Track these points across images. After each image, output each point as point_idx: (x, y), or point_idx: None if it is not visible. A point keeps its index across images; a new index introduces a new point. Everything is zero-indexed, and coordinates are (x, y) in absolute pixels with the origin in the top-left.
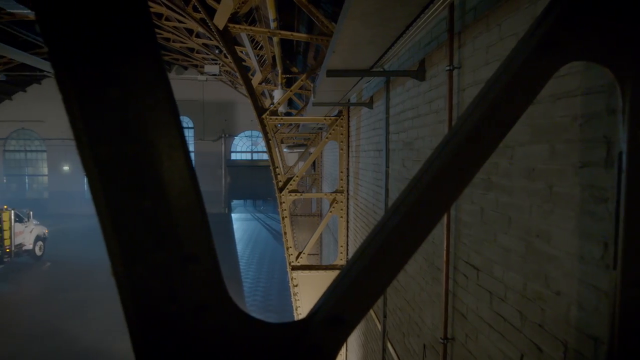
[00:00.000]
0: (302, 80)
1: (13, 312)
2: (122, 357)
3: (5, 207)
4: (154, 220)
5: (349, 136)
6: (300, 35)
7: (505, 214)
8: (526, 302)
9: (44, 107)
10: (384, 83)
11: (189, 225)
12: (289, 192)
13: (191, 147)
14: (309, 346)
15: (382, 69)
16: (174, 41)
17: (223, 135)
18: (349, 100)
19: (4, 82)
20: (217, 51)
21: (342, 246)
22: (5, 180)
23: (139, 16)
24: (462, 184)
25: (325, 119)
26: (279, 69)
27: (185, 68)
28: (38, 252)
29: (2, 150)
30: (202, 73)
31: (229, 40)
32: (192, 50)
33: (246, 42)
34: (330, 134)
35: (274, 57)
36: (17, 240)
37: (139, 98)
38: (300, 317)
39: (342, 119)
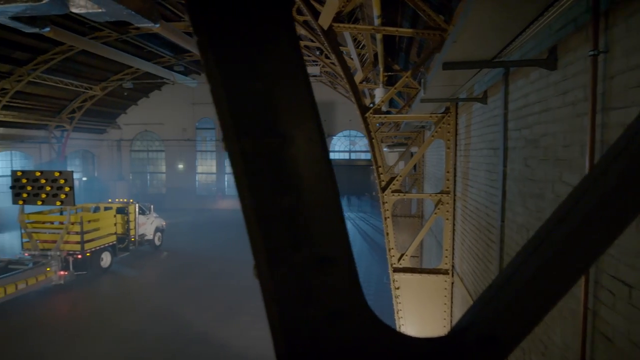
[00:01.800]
0: (406, 78)
1: (138, 294)
2: (228, 344)
3: (131, 200)
4: (293, 218)
5: (456, 134)
6: (405, 31)
7: None
8: None
9: (164, 111)
10: (502, 76)
11: (326, 225)
12: (392, 192)
13: None
14: None
15: (502, 60)
16: None
17: None
18: (457, 96)
19: (131, 90)
20: (317, 52)
21: (447, 250)
22: (131, 177)
23: (280, 9)
24: None
25: (431, 117)
26: (381, 67)
27: None
28: (157, 242)
29: (128, 150)
30: None
31: (333, 40)
32: None
33: (349, 41)
34: (436, 132)
35: (375, 55)
36: (140, 230)
37: (279, 91)
38: (402, 320)
39: (449, 117)
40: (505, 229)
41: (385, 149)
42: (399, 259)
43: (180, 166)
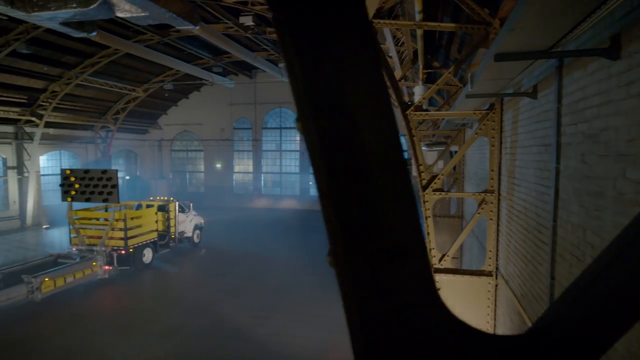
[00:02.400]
0: (449, 73)
1: (178, 289)
2: (266, 341)
3: (171, 199)
4: (365, 205)
5: (501, 131)
6: (448, 26)
7: None
8: None
9: (203, 111)
10: (555, 68)
11: (398, 214)
12: (433, 191)
13: None
14: None
15: (560, 51)
16: None
17: None
18: (505, 92)
19: (172, 91)
20: None
21: (490, 251)
22: (171, 176)
23: None
24: None
25: (474, 113)
26: (420, 64)
27: None
28: (196, 240)
29: (169, 150)
30: None
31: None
32: None
33: (388, 38)
34: (480, 129)
35: (414, 53)
36: (180, 228)
37: (352, 74)
38: None
39: (494, 113)
40: (558, 229)
41: (423, 148)
42: (440, 260)
43: (218, 165)
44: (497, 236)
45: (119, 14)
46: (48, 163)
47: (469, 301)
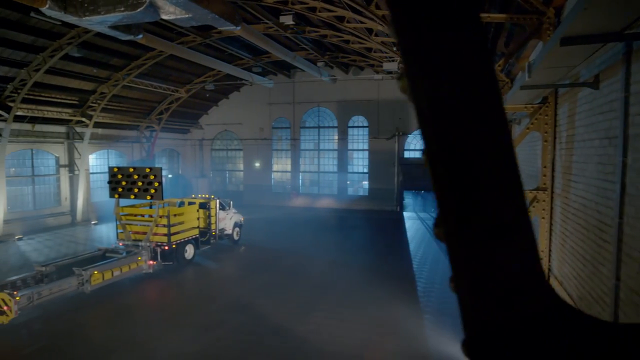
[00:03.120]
0: (498, 66)
1: (219, 285)
2: (306, 339)
3: (212, 196)
4: (477, 183)
5: (555, 125)
6: (498, 16)
7: None
8: None
9: (242, 111)
10: (622, 55)
11: (506, 192)
12: None
13: (365, 145)
14: None
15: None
16: (353, 42)
17: (397, 133)
18: (562, 83)
19: (212, 91)
20: (395, 48)
21: (542, 251)
22: (211, 175)
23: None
24: None
25: (526, 107)
26: None
27: (362, 69)
28: (235, 237)
29: (209, 149)
30: (378, 72)
31: None
32: (369, 50)
33: None
34: (532, 124)
35: None
36: (220, 225)
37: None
38: None
39: (547, 107)
40: (625, 227)
41: None
42: None
43: (257, 164)
44: (549, 236)
45: (164, 17)
46: (96, 162)
47: None
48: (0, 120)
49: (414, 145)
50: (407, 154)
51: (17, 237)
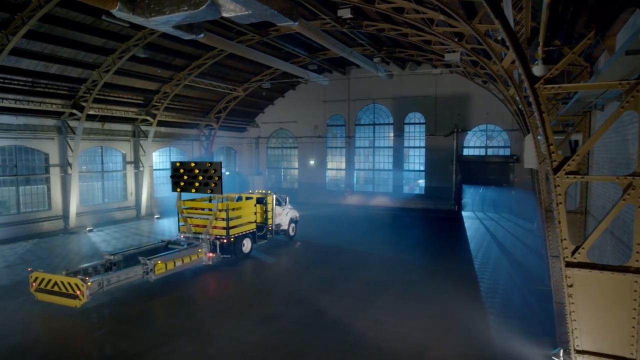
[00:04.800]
0: (573, 53)
1: (276, 279)
2: (363, 335)
3: (269, 192)
4: None
5: None
6: None
7: None
8: None
9: (297, 109)
10: None
11: None
12: (566, 173)
13: (421, 143)
14: None
15: None
16: (411, 36)
17: (455, 129)
18: None
19: (269, 90)
20: (456, 39)
21: (638, 244)
22: (267, 172)
23: None
24: None
25: (620, 84)
26: (541, 40)
27: (419, 64)
28: (291, 232)
29: (265, 147)
30: (436, 66)
31: (496, 3)
32: (428, 42)
33: (508, 9)
34: (627, 102)
35: (532, 31)
36: (277, 220)
37: None
38: (575, 324)
39: None
40: None
41: (538, 137)
42: (574, 253)
43: (312, 162)
44: None
45: (225, 14)
46: (159, 159)
47: (609, 303)
48: (74, 119)
49: (473, 142)
50: (466, 151)
51: (88, 228)
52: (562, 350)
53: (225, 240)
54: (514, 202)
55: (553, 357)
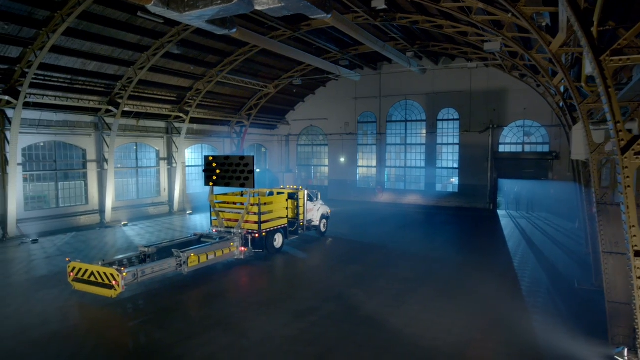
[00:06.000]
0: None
1: (308, 274)
2: (400, 331)
3: (300, 187)
4: None
5: None
6: None
7: None
8: None
9: (328, 106)
10: None
11: None
12: (635, 154)
13: (455, 139)
14: None
15: None
16: (446, 27)
17: (491, 125)
18: None
19: (299, 87)
20: (495, 28)
21: None
22: (297, 170)
23: None
24: None
25: None
26: (595, 20)
27: (453, 58)
28: (322, 229)
29: (295, 145)
30: (472, 60)
31: None
32: (464, 34)
33: None
34: None
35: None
36: (308, 216)
37: None
38: None
39: None
40: None
41: (592, 127)
42: None
43: (342, 159)
44: None
45: (258, 7)
46: (191, 155)
47: None
48: (110, 116)
49: (509, 139)
50: (502, 148)
51: (122, 223)
52: (626, 349)
53: (257, 235)
54: (553, 201)
55: (616, 357)
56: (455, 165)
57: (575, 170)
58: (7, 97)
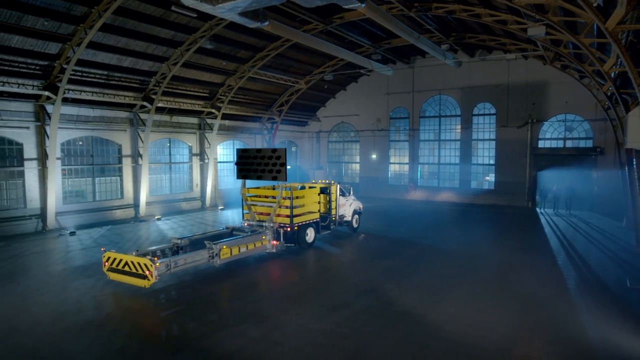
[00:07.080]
0: None
1: (341, 269)
2: (439, 327)
3: (332, 181)
4: None
5: None
6: None
7: None
8: None
9: (359, 102)
10: None
11: None
12: None
13: (491, 135)
14: None
15: None
16: (484, 16)
17: (529, 120)
18: None
19: (330, 83)
20: (538, 12)
21: None
22: (327, 167)
23: None
24: None
25: None
26: None
27: (490, 51)
28: (354, 224)
29: (326, 141)
30: (510, 51)
31: None
32: (503, 22)
33: None
34: None
35: None
36: (340, 211)
37: None
38: None
39: None
40: None
41: (633, 114)
42: None
43: (374, 156)
44: None
45: None
46: (223, 151)
47: None
48: (145, 112)
49: (550, 134)
50: (541, 144)
51: (156, 217)
52: None
53: (289, 229)
54: (597, 198)
55: None
56: (492, 162)
57: (624, 163)
58: (47, 93)
